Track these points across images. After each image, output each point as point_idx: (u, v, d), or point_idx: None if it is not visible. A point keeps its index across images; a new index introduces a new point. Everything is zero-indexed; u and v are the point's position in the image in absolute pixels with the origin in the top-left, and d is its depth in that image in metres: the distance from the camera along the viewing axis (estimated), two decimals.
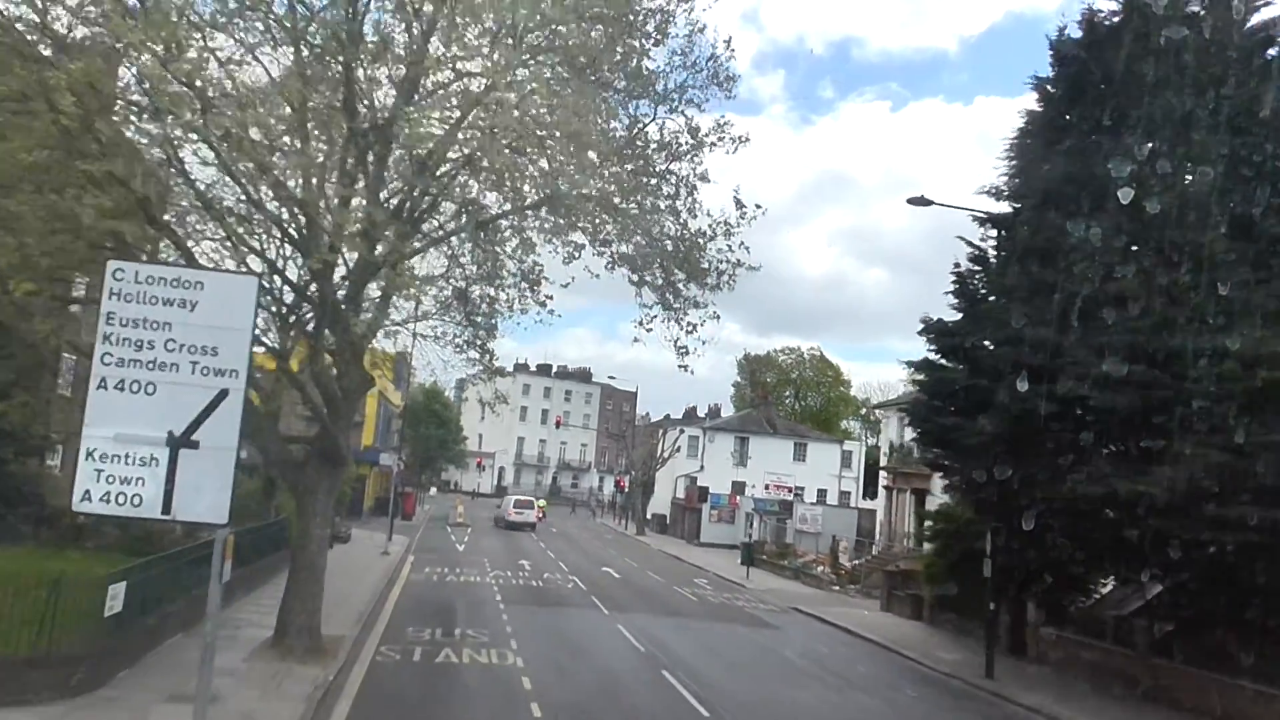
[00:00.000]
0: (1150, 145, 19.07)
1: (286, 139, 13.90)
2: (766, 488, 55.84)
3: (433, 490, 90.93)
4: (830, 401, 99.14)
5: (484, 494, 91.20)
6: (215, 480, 10.41)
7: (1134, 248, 18.50)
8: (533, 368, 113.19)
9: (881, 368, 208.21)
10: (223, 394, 10.58)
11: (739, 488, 66.17)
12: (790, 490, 55.51)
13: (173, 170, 14.00)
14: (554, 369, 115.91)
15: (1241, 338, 15.25)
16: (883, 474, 45.42)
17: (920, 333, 22.88)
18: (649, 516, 68.70)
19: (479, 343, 22.73)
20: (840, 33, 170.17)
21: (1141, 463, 17.08)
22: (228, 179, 14.78)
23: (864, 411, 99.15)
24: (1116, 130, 18.74)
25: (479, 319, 22.56)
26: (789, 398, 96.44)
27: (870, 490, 72.86)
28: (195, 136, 12.84)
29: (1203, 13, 18.04)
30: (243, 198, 14.75)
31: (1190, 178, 18.30)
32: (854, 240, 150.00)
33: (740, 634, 25.61)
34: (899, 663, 23.66)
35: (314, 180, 14.26)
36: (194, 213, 14.94)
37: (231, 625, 19.44)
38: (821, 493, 67.81)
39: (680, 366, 18.58)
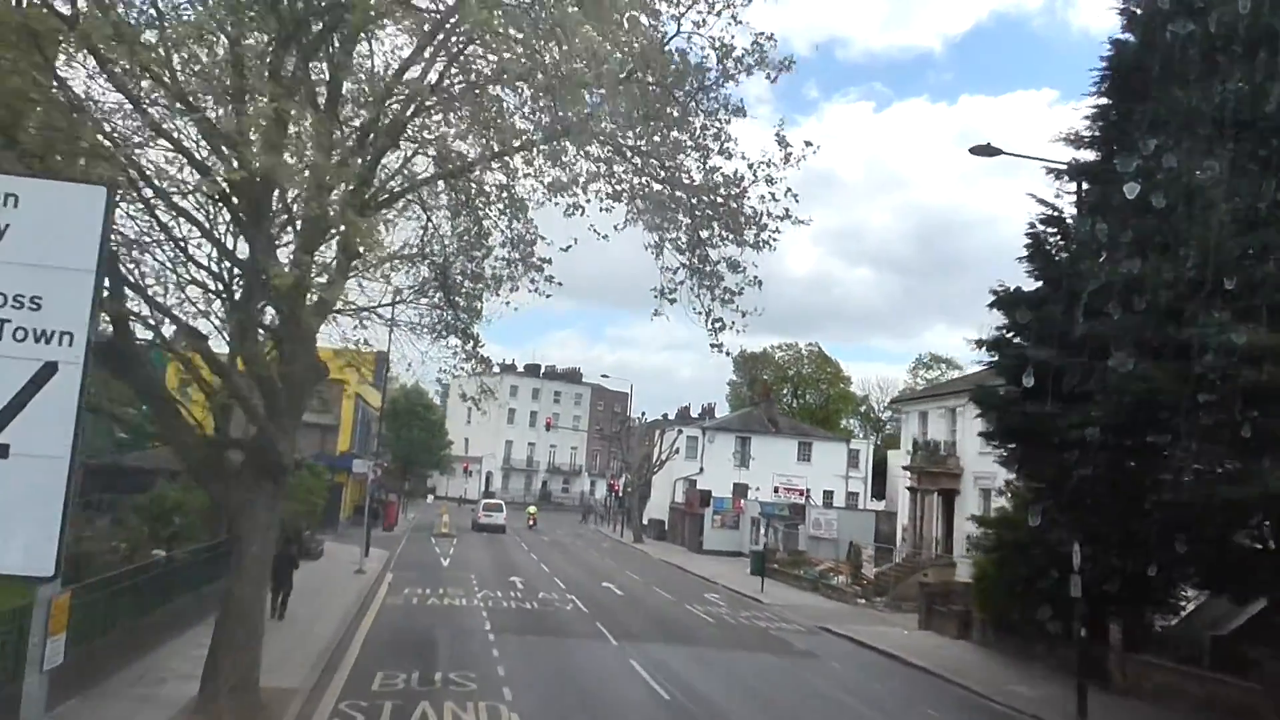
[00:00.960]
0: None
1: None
2: (776, 490, 52.06)
3: (430, 499, 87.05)
4: (830, 399, 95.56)
5: (471, 500, 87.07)
6: (35, 508, 6.60)
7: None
8: (520, 368, 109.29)
9: (869, 366, 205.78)
10: (48, 370, 6.77)
11: (741, 490, 62.39)
12: (801, 493, 51.79)
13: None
14: (542, 369, 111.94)
15: None
16: (905, 474, 41.73)
17: (992, 304, 19.20)
18: (645, 522, 64.91)
19: (461, 327, 19.15)
20: (824, 33, 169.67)
21: None
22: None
23: (885, 405, 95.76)
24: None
25: (460, 299, 18.99)
26: (786, 395, 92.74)
27: (878, 490, 69.47)
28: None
29: None
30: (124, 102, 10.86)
31: None
32: (839, 240, 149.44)
33: (774, 666, 21.82)
34: (971, 701, 19.90)
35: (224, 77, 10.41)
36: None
37: (154, 677, 15.56)
38: (828, 494, 64.15)
39: (713, 346, 14.80)
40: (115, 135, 11.86)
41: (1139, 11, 18.66)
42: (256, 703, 13.73)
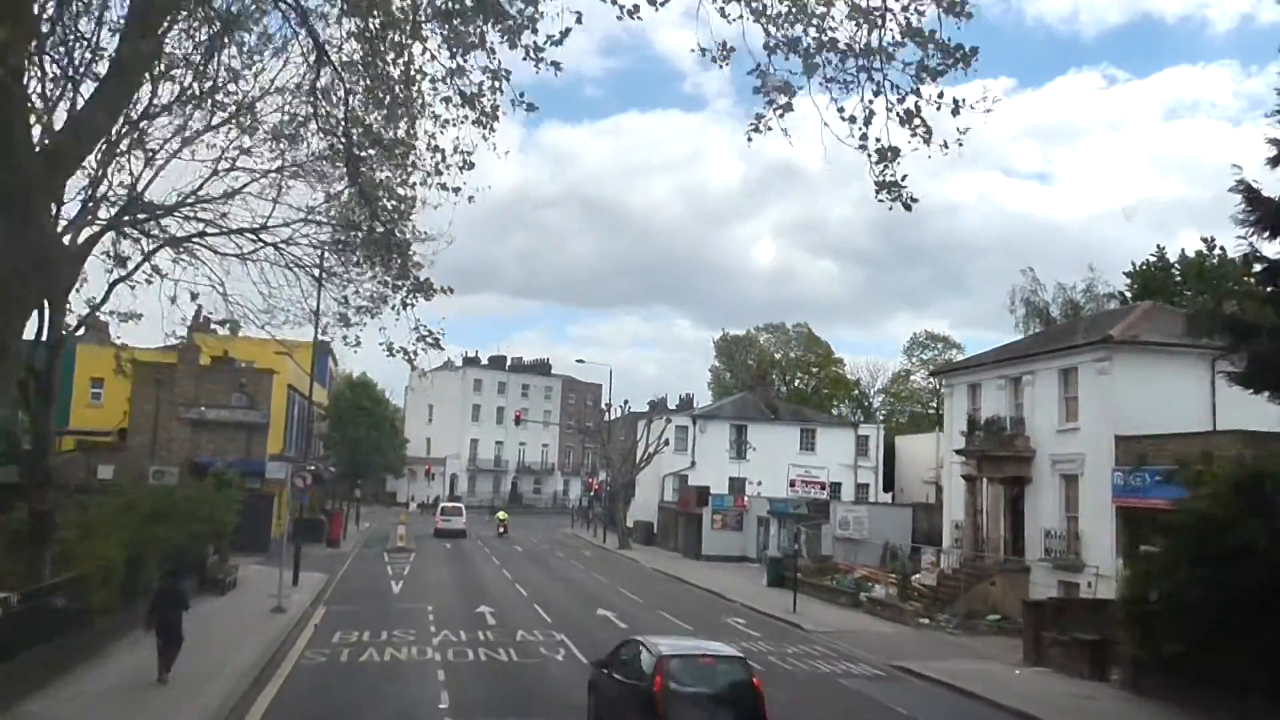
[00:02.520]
0: None
1: None
2: (792, 484, 44.55)
3: (412, 505, 79.14)
4: (821, 384, 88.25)
5: (434, 506, 78.97)
6: None
7: None
8: (484, 360, 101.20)
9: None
10: None
11: (737, 485, 55.02)
12: (822, 486, 44.28)
13: None
14: (508, 361, 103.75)
15: None
16: (957, 460, 34.36)
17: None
18: (630, 525, 57.25)
19: (382, 232, 11.90)
20: None
21: None
22: None
23: (876, 390, 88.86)
24: None
25: (378, 192, 11.77)
26: (773, 380, 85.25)
27: (888, 482, 62.25)
28: None
29: None
30: None
31: None
32: (801, 232, 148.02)
33: None
34: None
35: None
36: None
37: None
38: (835, 486, 56.71)
39: (882, 188, 7.35)
40: None
41: None
42: None
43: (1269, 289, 14.04)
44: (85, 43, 9.97)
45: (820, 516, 40.09)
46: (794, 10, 7.33)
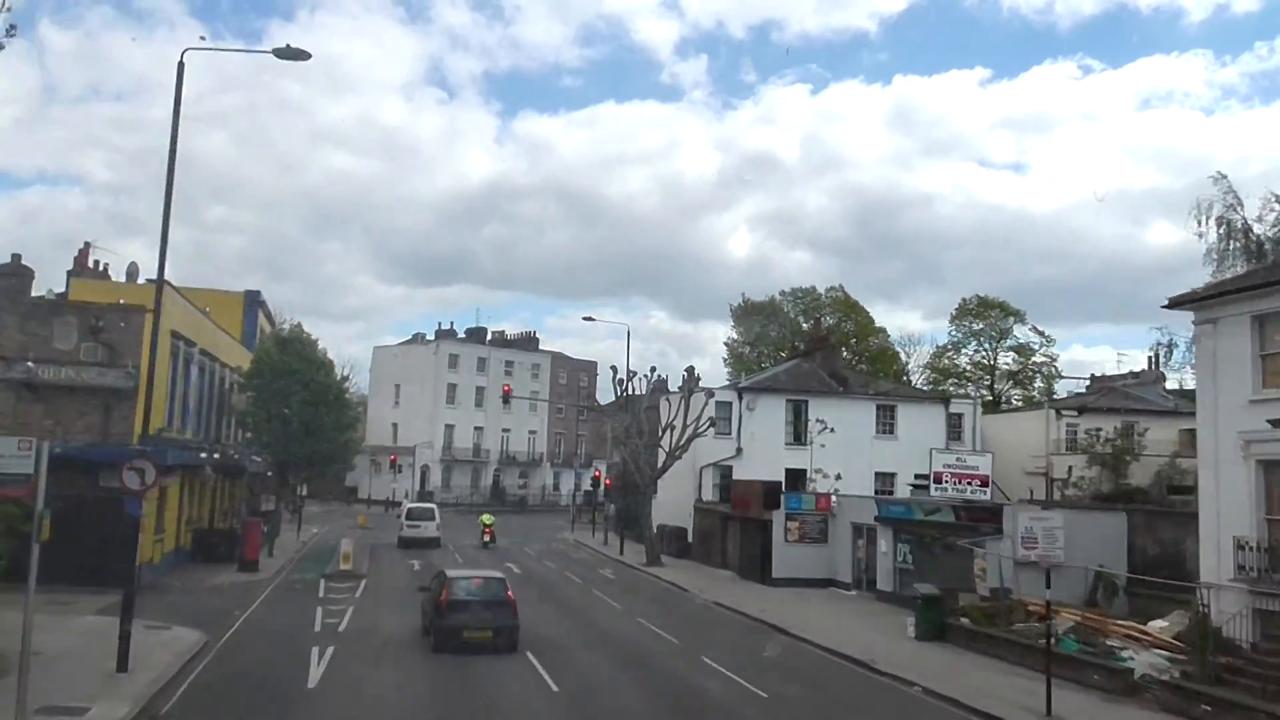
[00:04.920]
0: None
1: None
2: (939, 479, 30.59)
3: (404, 503, 63.13)
4: (860, 358, 74.53)
5: (402, 504, 64.83)
6: None
7: None
8: (461, 333, 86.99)
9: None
10: None
11: (794, 478, 41.42)
12: (984, 483, 30.31)
13: None
14: (489, 335, 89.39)
15: None
16: (1246, 438, 20.80)
17: None
18: (653, 530, 43.33)
19: None
20: (760, 16, 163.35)
21: None
22: None
23: (915, 364, 75.35)
24: None
25: None
26: (836, 344, 71.36)
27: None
28: None
29: None
30: None
31: None
32: (777, 223, 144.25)
33: None
34: None
35: None
36: None
37: None
38: (920, 479, 43.24)
39: None
40: None
41: None
42: None
43: None
44: None
45: (980, 525, 26.43)
46: None
